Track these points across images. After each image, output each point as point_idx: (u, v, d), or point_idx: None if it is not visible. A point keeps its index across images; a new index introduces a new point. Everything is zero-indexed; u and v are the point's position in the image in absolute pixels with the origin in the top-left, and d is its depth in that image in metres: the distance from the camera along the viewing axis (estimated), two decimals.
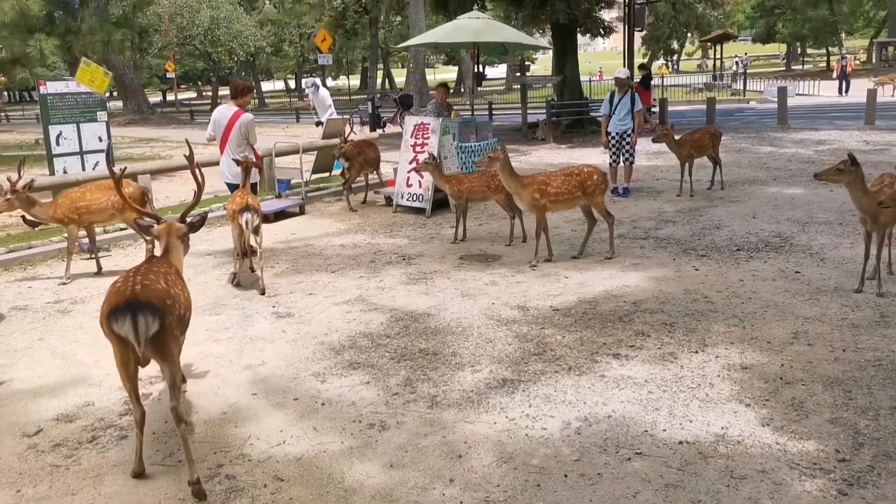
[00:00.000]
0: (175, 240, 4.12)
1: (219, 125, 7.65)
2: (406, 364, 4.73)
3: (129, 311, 3.26)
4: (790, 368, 4.37)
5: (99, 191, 7.21)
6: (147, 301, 3.33)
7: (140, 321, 3.25)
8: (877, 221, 5.44)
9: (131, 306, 3.28)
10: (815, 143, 14.49)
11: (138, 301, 3.31)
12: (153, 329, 3.29)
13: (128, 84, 35.68)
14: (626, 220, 8.61)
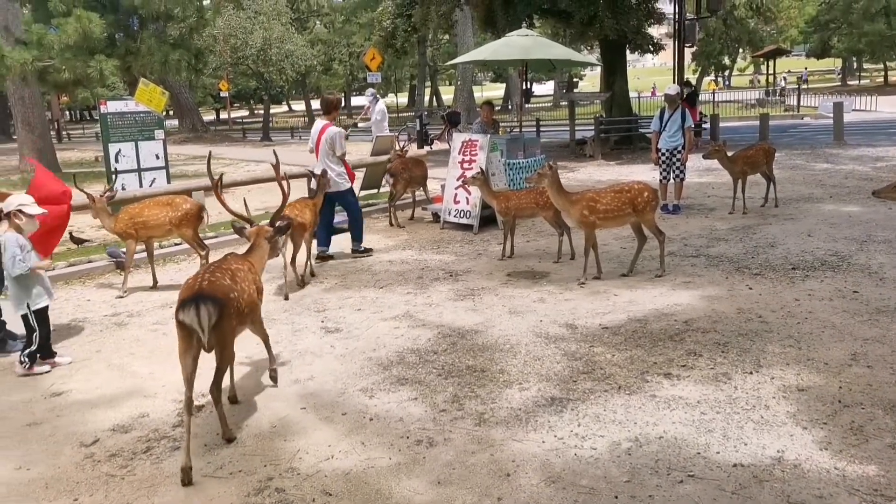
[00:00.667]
0: (262, 241, 4.69)
1: (312, 138, 8.51)
2: (453, 381, 4.73)
3: (195, 304, 3.73)
4: (849, 391, 4.23)
5: (157, 206, 7.41)
6: (211, 295, 3.82)
7: (203, 312, 3.72)
8: None
9: (197, 299, 3.75)
10: (872, 159, 14.09)
11: (203, 295, 3.79)
12: (214, 319, 3.76)
13: (183, 103, 36.69)
14: (677, 238, 8.49)
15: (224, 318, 3.85)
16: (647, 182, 7.35)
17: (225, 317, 3.85)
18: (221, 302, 3.84)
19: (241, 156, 24.03)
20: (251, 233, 4.71)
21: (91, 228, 10.97)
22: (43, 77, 16.30)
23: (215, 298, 3.82)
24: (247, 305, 4.17)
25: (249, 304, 4.22)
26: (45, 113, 22.39)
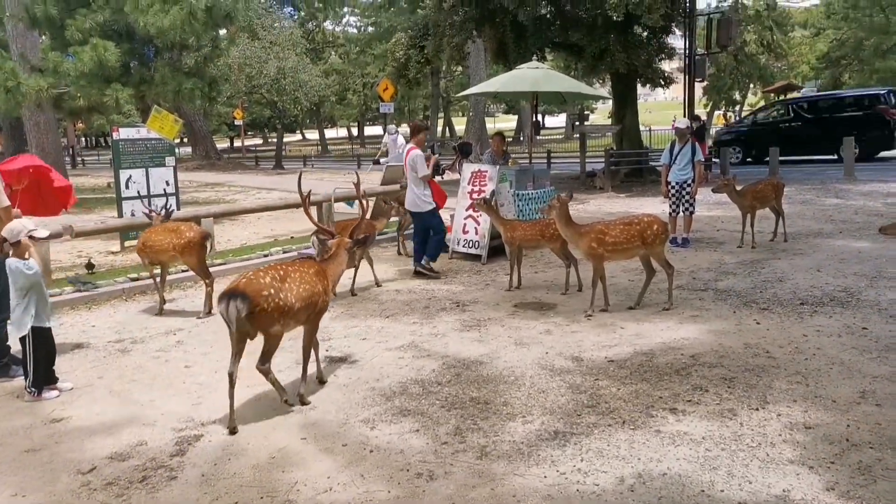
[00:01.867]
0: (342, 251, 5.30)
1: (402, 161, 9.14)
2: (456, 413, 4.68)
3: (228, 298, 4.37)
4: (857, 430, 4.16)
5: (163, 232, 7.46)
6: (242, 292, 4.38)
7: (231, 307, 4.34)
8: None
9: (229, 296, 4.38)
10: (883, 195, 14.03)
11: (236, 291, 4.39)
12: (243, 313, 4.34)
13: (197, 130, 37.10)
14: (685, 271, 8.44)
15: (254, 313, 4.39)
16: (656, 215, 7.34)
17: (255, 312, 4.39)
18: (249, 299, 4.36)
19: (253, 183, 24.22)
20: (333, 243, 5.30)
21: (99, 254, 11.04)
22: (58, 104, 16.55)
23: (244, 295, 4.36)
24: (298, 300, 4.66)
25: (301, 300, 4.70)
26: (60, 139, 22.69)
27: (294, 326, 4.87)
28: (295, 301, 4.66)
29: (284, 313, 4.61)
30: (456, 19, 18.39)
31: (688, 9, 19.19)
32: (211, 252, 9.43)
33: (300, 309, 4.73)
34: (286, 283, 4.64)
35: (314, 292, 4.86)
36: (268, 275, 4.60)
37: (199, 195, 20.81)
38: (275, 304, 4.51)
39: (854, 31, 47.45)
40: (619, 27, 17.18)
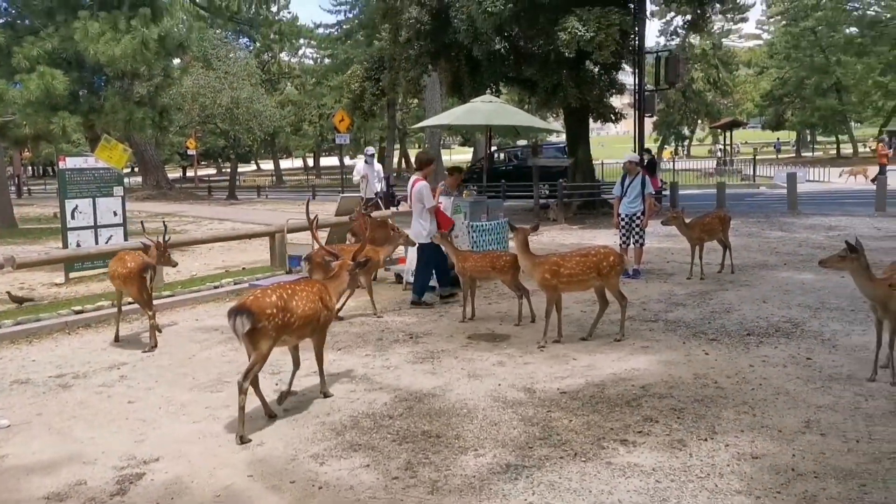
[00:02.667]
0: (344, 273, 5.69)
1: (409, 193, 9.04)
2: (408, 446, 4.62)
3: (234, 314, 4.76)
4: (802, 459, 4.23)
5: (117, 260, 7.42)
6: (247, 309, 4.76)
7: (237, 322, 4.72)
8: (886, 309, 5.36)
9: (237, 311, 4.77)
10: (825, 228, 14.49)
11: (242, 308, 4.78)
12: (247, 327, 4.71)
13: (148, 160, 36.54)
14: (636, 303, 8.55)
15: (257, 328, 4.77)
16: (612, 247, 7.44)
17: (259, 327, 4.77)
18: (254, 315, 4.74)
19: (205, 214, 23.86)
20: (337, 265, 5.74)
21: (43, 286, 10.72)
22: (3, 132, 16.16)
23: (249, 312, 4.74)
24: (298, 319, 5.05)
25: (303, 317, 5.10)
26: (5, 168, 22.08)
27: (295, 342, 5.38)
28: (296, 320, 5.04)
29: (284, 329, 4.99)
30: (411, 53, 18.58)
31: (637, 47, 19.72)
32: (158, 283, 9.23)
33: (301, 326, 5.14)
34: (292, 301, 5.03)
35: (316, 310, 5.27)
36: (275, 294, 4.97)
37: (149, 226, 20.38)
38: (278, 321, 4.87)
39: (795, 70, 49.41)
40: (571, 63, 17.55)
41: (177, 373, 6.43)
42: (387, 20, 19.88)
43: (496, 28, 16.53)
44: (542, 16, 16.53)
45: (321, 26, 53.18)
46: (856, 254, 5.34)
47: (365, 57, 31.42)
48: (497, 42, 18.70)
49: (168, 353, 7.09)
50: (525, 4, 15.92)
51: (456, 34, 16.91)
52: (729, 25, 56.42)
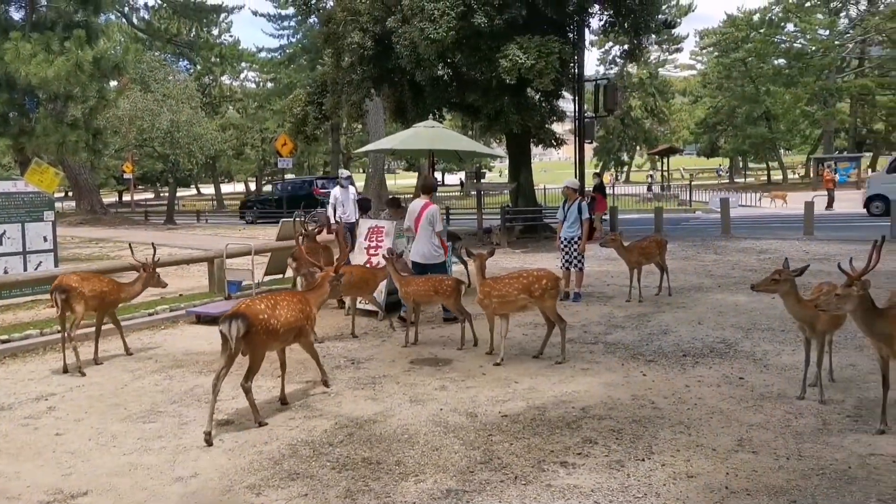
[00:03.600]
0: (326, 283, 6.30)
1: (412, 215, 9.04)
2: (347, 474, 4.55)
3: (229, 319, 5.21)
4: (735, 477, 4.32)
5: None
6: (241, 314, 5.25)
7: (232, 326, 5.16)
8: (814, 329, 5.55)
9: (230, 317, 5.23)
10: (757, 252, 14.98)
11: (237, 314, 5.26)
12: (241, 332, 5.17)
13: (82, 184, 35.49)
14: (577, 325, 8.66)
15: (251, 332, 5.24)
16: (549, 270, 7.53)
17: (252, 331, 5.25)
18: (248, 320, 5.23)
19: (141, 239, 23.26)
20: (321, 275, 6.40)
21: None
22: None
23: (244, 317, 5.22)
24: (282, 326, 5.58)
25: (286, 325, 5.63)
26: None
27: (279, 346, 5.89)
28: (281, 326, 5.56)
29: (277, 335, 5.56)
30: (354, 77, 18.57)
31: (576, 75, 20.18)
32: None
33: (286, 332, 5.66)
34: (277, 309, 5.58)
35: (299, 318, 5.82)
36: (265, 302, 5.59)
37: (82, 251, 19.79)
38: (266, 327, 5.40)
39: (728, 99, 51.27)
40: (513, 90, 17.82)
41: (108, 403, 6.21)
42: (329, 45, 19.83)
43: (439, 54, 16.70)
44: (484, 43, 16.78)
45: (263, 50, 52.87)
46: (788, 276, 5.51)
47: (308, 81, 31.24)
48: (440, 68, 18.87)
49: (99, 383, 6.85)
50: (467, 32, 16.13)
51: (399, 60, 17.01)
52: (665, 56, 58.36)
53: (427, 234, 8.92)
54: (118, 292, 7.72)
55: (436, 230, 8.96)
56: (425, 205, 9.01)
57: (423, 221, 8.89)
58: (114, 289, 7.67)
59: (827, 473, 4.33)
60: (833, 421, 5.21)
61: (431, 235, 8.93)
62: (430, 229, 8.92)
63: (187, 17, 38.29)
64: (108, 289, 7.57)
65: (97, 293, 7.37)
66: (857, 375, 6.28)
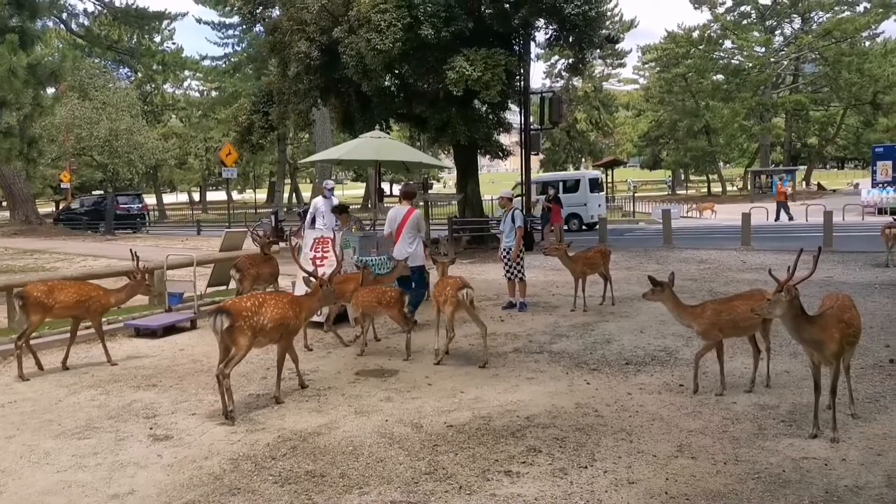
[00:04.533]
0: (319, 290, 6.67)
1: (394, 222, 9.35)
2: (290, 488, 4.49)
3: (215, 314, 5.77)
4: (675, 482, 4.41)
5: None
6: (226, 310, 5.76)
7: (217, 320, 5.68)
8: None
9: (217, 311, 5.79)
10: (697, 261, 15.35)
11: (221, 309, 5.80)
12: (225, 325, 5.65)
13: (17, 193, 34.30)
14: (523, 334, 8.74)
15: (234, 327, 5.68)
16: (460, 277, 7.80)
17: (235, 326, 5.68)
18: (232, 315, 5.69)
19: (79, 250, 22.57)
20: (314, 284, 6.76)
21: None
22: None
23: (228, 313, 5.70)
24: (269, 322, 5.94)
25: (273, 321, 5.98)
26: None
27: (265, 343, 6.19)
28: (267, 322, 5.92)
29: (261, 331, 5.90)
30: (301, 87, 18.44)
31: (522, 87, 20.44)
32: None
33: (272, 329, 5.99)
34: (262, 308, 5.94)
35: (285, 316, 6.11)
36: (252, 301, 6.00)
37: (16, 263, 19.10)
38: (250, 323, 5.78)
39: (669, 113, 52.58)
40: (460, 101, 17.95)
41: (41, 419, 6.00)
42: (275, 54, 19.66)
43: (386, 65, 16.72)
44: (431, 55, 16.87)
45: (207, 58, 52.09)
46: (661, 287, 6.23)
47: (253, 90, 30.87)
48: (387, 79, 18.90)
49: (32, 398, 6.61)
50: (414, 43, 16.20)
51: (345, 70, 16.96)
52: (608, 70, 59.42)
53: (410, 237, 9.29)
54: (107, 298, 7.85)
55: (421, 234, 9.45)
56: (409, 211, 9.37)
57: (408, 226, 9.26)
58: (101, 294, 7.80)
59: (762, 477, 4.46)
60: (768, 426, 5.36)
61: (413, 238, 9.30)
62: (414, 233, 9.33)
63: (128, 23, 37.45)
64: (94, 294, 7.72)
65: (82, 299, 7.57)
66: (791, 381, 6.47)
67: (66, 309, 7.55)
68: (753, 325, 6.03)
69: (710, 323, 6.00)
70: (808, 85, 52.13)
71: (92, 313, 7.75)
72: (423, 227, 9.48)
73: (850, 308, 5.28)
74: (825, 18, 48.51)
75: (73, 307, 7.56)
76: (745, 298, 6.11)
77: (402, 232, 9.30)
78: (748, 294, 6.30)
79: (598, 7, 17.76)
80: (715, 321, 5.99)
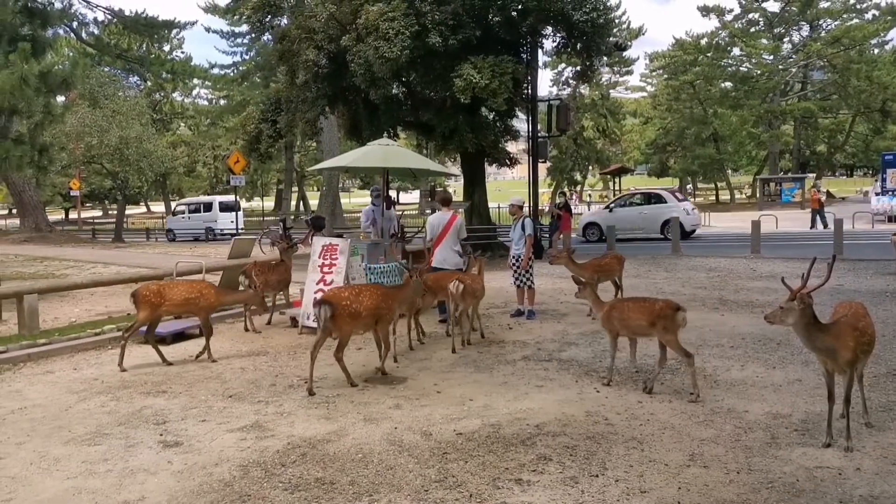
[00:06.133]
0: (410, 282, 7.65)
1: (437, 227, 9.78)
2: (300, 495, 4.48)
3: (319, 305, 6.69)
4: (687, 492, 4.37)
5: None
6: (326, 300, 6.71)
7: (321, 310, 6.58)
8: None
9: (319, 302, 6.75)
10: (706, 269, 15.29)
11: (324, 300, 6.71)
12: (328, 314, 6.54)
13: (27, 201, 34.53)
14: (531, 342, 8.71)
15: (336, 315, 6.57)
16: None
17: (336, 314, 6.57)
18: (333, 305, 6.59)
19: (88, 257, 22.67)
20: (405, 278, 7.78)
21: None
22: None
23: (329, 303, 6.61)
24: (364, 310, 6.78)
25: (368, 310, 6.82)
26: None
27: (364, 330, 7.17)
28: (363, 310, 6.75)
29: (360, 319, 6.78)
30: (308, 95, 18.48)
31: (530, 95, 20.44)
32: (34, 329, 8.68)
33: (366, 316, 6.82)
34: (359, 297, 6.80)
35: (378, 307, 6.92)
36: (350, 291, 6.97)
37: (26, 269, 19.20)
38: (350, 311, 6.65)
39: (677, 120, 52.50)
40: (467, 109, 17.96)
41: (51, 426, 6.01)
42: (283, 62, 19.71)
43: (393, 73, 16.75)
44: (439, 63, 16.91)
45: (216, 66, 52.31)
46: (584, 286, 7.25)
47: (261, 98, 30.98)
48: (394, 87, 18.92)
49: (42, 405, 6.62)
50: (422, 51, 16.23)
51: (353, 78, 16.99)
52: (616, 77, 59.42)
53: (452, 242, 9.73)
54: (216, 297, 8.39)
55: (461, 238, 9.95)
56: (453, 217, 9.87)
57: (452, 231, 9.72)
58: (211, 293, 8.33)
59: (776, 486, 4.42)
60: (781, 435, 5.32)
61: (455, 243, 9.76)
62: (456, 238, 9.80)
63: (138, 32, 37.65)
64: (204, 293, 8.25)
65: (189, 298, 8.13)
66: (803, 390, 6.43)
67: (174, 306, 8.14)
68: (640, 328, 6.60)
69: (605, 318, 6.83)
70: (816, 92, 52.05)
71: (200, 311, 8.20)
72: (464, 233, 9.97)
73: (865, 316, 5.24)
74: (833, 26, 48.48)
75: (182, 305, 8.14)
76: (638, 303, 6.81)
77: (445, 237, 9.69)
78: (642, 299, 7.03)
79: (607, 14, 17.81)
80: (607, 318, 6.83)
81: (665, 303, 6.50)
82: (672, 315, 6.33)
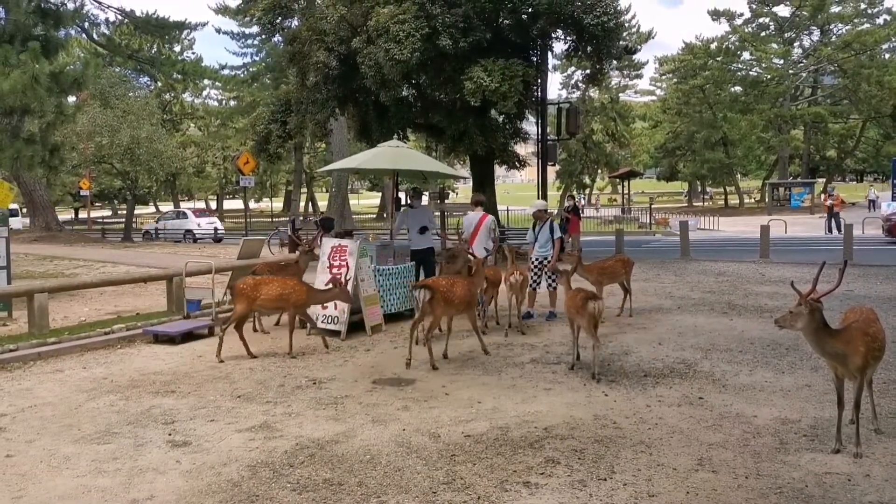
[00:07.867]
0: (480, 268, 8.63)
1: (471, 225, 10.65)
2: (308, 496, 4.49)
3: (420, 288, 7.76)
4: (695, 496, 4.36)
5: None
6: (427, 286, 7.74)
7: (421, 293, 7.66)
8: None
9: (421, 286, 7.82)
10: (715, 273, 15.25)
11: (424, 285, 7.80)
12: (427, 297, 7.56)
13: (37, 200, 34.72)
14: (539, 345, 8.71)
15: (433, 298, 7.54)
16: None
17: (434, 298, 7.54)
18: (432, 289, 7.60)
19: (97, 257, 22.78)
20: (474, 262, 8.67)
21: None
22: None
23: (429, 287, 7.64)
24: (456, 298, 7.78)
25: (459, 297, 7.82)
26: None
27: (455, 313, 8.14)
28: (455, 298, 7.74)
29: (453, 304, 7.76)
30: (319, 97, 18.53)
31: (539, 98, 20.43)
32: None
33: (458, 303, 7.83)
34: (453, 286, 7.78)
35: (466, 293, 7.95)
36: (443, 280, 7.98)
37: (36, 269, 19.30)
38: (445, 296, 7.62)
39: (686, 124, 52.36)
40: (477, 112, 17.97)
41: (61, 424, 6.04)
42: (294, 64, 19.77)
43: (403, 75, 16.77)
44: (449, 65, 16.92)
45: (226, 67, 52.46)
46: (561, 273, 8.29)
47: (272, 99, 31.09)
48: (404, 89, 18.94)
49: (52, 403, 6.66)
50: (432, 54, 16.25)
51: (363, 80, 17.03)
52: (625, 81, 59.37)
53: (484, 239, 10.47)
54: (309, 295, 8.72)
55: (493, 237, 10.66)
56: (483, 216, 10.70)
57: (483, 229, 10.53)
58: (303, 290, 8.68)
59: (784, 492, 4.40)
60: (790, 440, 5.30)
61: (486, 240, 10.48)
62: (488, 234, 10.55)
63: (149, 33, 37.77)
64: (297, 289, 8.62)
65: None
66: (812, 395, 6.40)
67: (268, 301, 8.48)
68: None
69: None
70: (827, 97, 51.83)
71: (293, 306, 8.58)
72: (495, 230, 10.91)
73: (875, 322, 5.22)
74: (844, 31, 48.27)
75: (275, 300, 8.50)
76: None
77: (478, 234, 10.51)
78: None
79: (617, 18, 17.74)
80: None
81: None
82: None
